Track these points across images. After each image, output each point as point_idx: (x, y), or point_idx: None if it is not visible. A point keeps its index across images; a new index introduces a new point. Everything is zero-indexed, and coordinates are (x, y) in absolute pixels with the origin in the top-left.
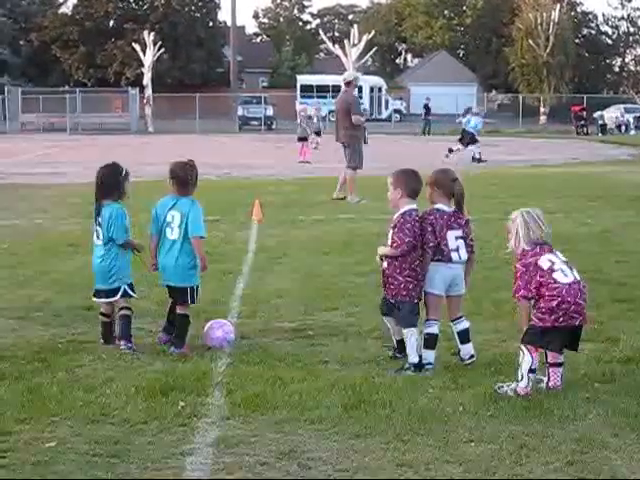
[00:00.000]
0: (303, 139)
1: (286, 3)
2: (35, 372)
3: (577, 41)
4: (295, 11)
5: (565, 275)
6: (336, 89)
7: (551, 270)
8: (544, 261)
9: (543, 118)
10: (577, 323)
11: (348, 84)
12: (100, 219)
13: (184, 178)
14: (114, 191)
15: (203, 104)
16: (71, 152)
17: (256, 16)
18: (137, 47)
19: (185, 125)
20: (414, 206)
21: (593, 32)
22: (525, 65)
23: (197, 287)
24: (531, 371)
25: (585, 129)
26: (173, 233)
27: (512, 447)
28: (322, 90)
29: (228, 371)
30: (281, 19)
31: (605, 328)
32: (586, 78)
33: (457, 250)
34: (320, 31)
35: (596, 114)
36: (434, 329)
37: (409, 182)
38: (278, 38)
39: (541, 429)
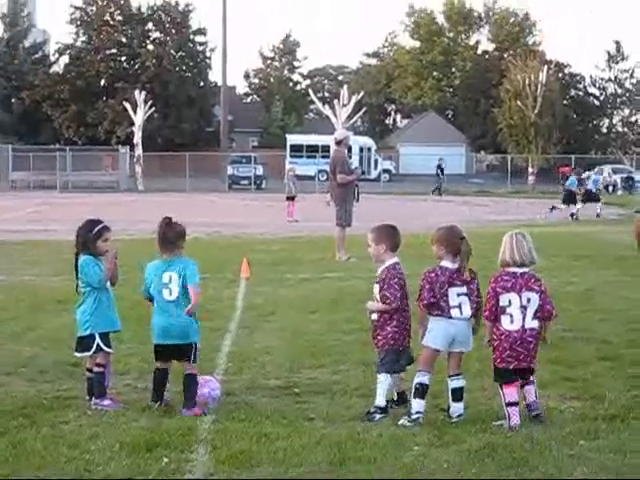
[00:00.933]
0: (291, 198)
1: (276, 64)
2: (20, 427)
3: (565, 102)
4: (285, 71)
5: (511, 322)
6: (326, 149)
7: (502, 311)
8: (503, 299)
9: (531, 178)
10: (511, 367)
11: (339, 143)
12: (79, 271)
13: (164, 237)
14: (88, 246)
15: (193, 163)
16: (61, 210)
17: (247, 76)
18: (128, 106)
19: (175, 184)
20: (397, 259)
21: (581, 93)
22: (513, 126)
23: (197, 345)
24: (509, 405)
25: None
26: (172, 294)
27: None
28: (312, 150)
29: (213, 427)
30: (271, 79)
31: (590, 386)
32: (574, 139)
33: (459, 307)
34: (310, 91)
35: (584, 175)
36: (425, 379)
37: (391, 236)
38: (268, 98)
39: None
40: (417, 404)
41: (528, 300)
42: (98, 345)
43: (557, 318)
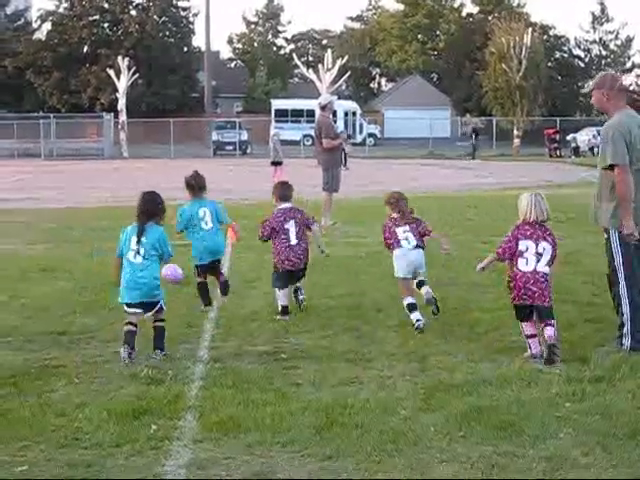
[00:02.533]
0: (277, 163)
1: (260, 28)
2: (7, 396)
3: (550, 65)
4: (269, 36)
5: (526, 264)
6: (310, 113)
7: (520, 254)
8: (522, 244)
9: (517, 141)
10: (529, 303)
11: (323, 108)
12: (144, 239)
13: (196, 185)
14: (155, 215)
15: (178, 129)
16: (46, 177)
17: (230, 41)
18: (111, 72)
19: (160, 150)
20: (282, 206)
21: (565, 55)
22: (498, 89)
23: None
24: (528, 337)
25: (558, 152)
26: (208, 223)
27: (483, 467)
28: (297, 114)
29: (201, 394)
30: (255, 44)
31: (575, 348)
32: (559, 101)
33: (406, 239)
34: (294, 56)
35: (569, 137)
36: (410, 300)
37: (278, 189)
38: (252, 63)
39: (512, 449)
40: (414, 315)
41: (543, 249)
42: (161, 305)
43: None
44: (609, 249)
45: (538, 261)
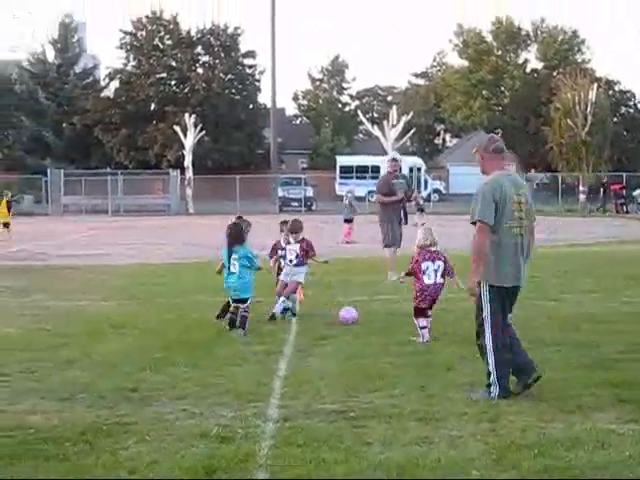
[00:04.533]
0: (349, 220)
1: (325, 85)
2: (80, 454)
3: (615, 120)
4: (334, 93)
5: (429, 279)
6: (375, 170)
7: (423, 272)
8: (423, 265)
9: (582, 197)
10: (424, 306)
11: (389, 165)
12: (235, 256)
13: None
14: (240, 239)
15: (243, 185)
16: (114, 233)
17: (295, 98)
18: (178, 129)
19: (226, 206)
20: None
21: (631, 110)
22: (564, 144)
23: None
24: (422, 328)
25: (625, 207)
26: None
27: None
28: (361, 171)
29: (271, 453)
30: (320, 101)
31: None
32: (626, 156)
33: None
34: (359, 112)
35: (635, 192)
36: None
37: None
38: (317, 119)
39: None
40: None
41: (438, 266)
42: (250, 301)
43: (456, 276)
44: (479, 300)
45: (436, 275)
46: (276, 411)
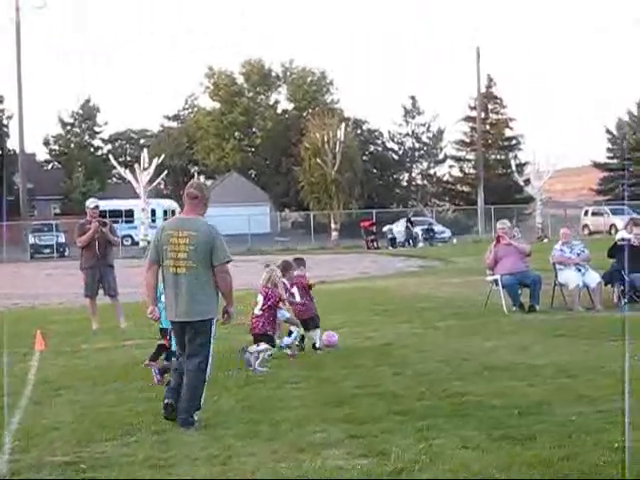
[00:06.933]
0: None
1: (77, 129)
2: None
3: (365, 158)
4: (86, 137)
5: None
6: (129, 214)
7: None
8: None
9: (334, 234)
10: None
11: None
12: None
13: None
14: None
15: None
16: None
17: (47, 143)
18: None
19: None
20: None
21: (380, 149)
22: (314, 183)
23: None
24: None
25: (375, 243)
26: None
27: None
28: (115, 215)
29: None
30: (72, 145)
31: (377, 442)
32: (375, 193)
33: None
34: (111, 156)
35: (385, 228)
36: None
37: None
38: (69, 164)
39: None
40: None
41: (263, 298)
42: None
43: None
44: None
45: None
46: (6, 466)
